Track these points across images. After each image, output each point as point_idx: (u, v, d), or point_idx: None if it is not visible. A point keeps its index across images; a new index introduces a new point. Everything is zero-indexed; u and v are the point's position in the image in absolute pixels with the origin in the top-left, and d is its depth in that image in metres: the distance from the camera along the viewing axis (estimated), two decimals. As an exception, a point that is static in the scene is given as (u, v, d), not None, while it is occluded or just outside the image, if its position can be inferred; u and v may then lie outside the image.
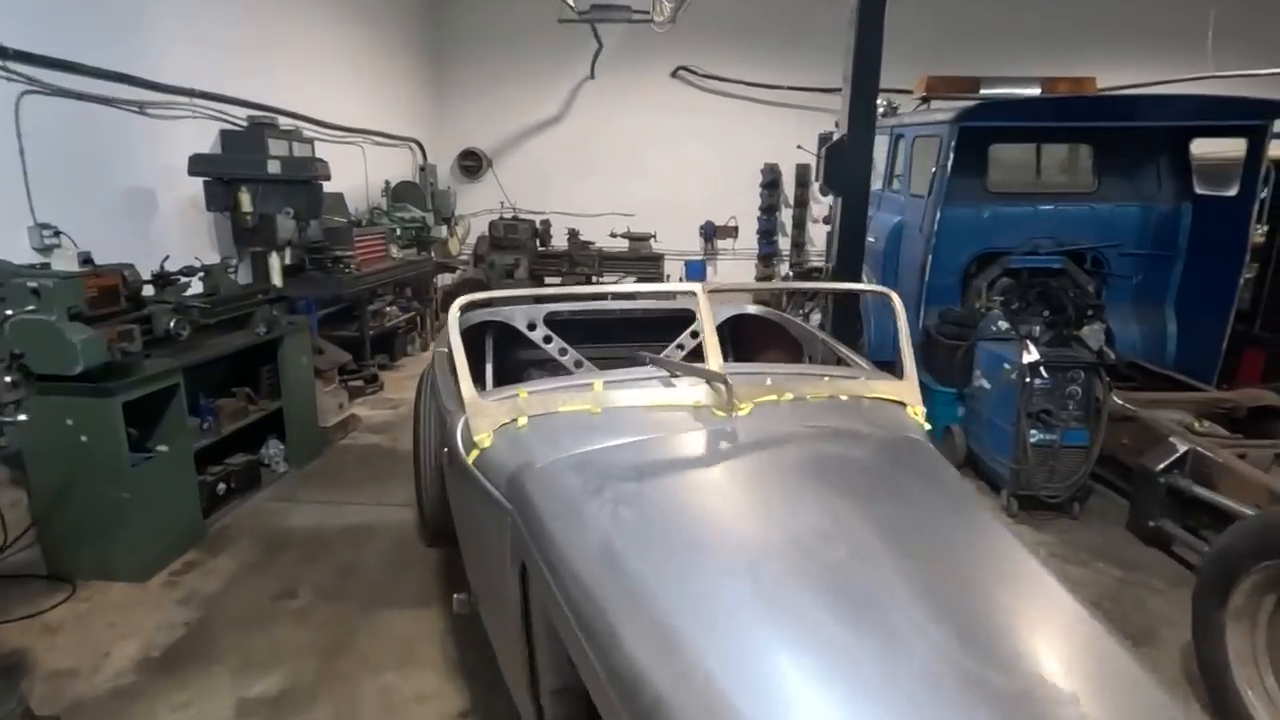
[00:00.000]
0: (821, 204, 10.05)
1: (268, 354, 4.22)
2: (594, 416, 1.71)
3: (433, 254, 8.05)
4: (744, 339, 3.53)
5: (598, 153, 10.03)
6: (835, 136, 7.34)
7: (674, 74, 9.78)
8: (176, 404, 3.34)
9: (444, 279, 9.08)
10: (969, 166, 5.26)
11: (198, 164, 4.76)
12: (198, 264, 4.07)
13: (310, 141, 6.06)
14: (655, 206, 9.88)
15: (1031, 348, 3.91)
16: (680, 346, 3.20)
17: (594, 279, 9.18)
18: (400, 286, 7.40)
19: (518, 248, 9.20)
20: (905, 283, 5.60)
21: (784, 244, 10.20)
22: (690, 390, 1.79)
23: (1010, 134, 5.53)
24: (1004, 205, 5.51)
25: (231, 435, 3.94)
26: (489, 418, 1.72)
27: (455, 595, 2.11)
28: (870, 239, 5.24)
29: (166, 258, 3.89)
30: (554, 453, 1.58)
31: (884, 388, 1.96)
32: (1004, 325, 4.64)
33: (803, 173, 9.87)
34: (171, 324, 3.40)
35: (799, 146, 8.93)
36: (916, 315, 5.26)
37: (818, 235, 10.10)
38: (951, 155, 4.90)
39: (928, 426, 1.89)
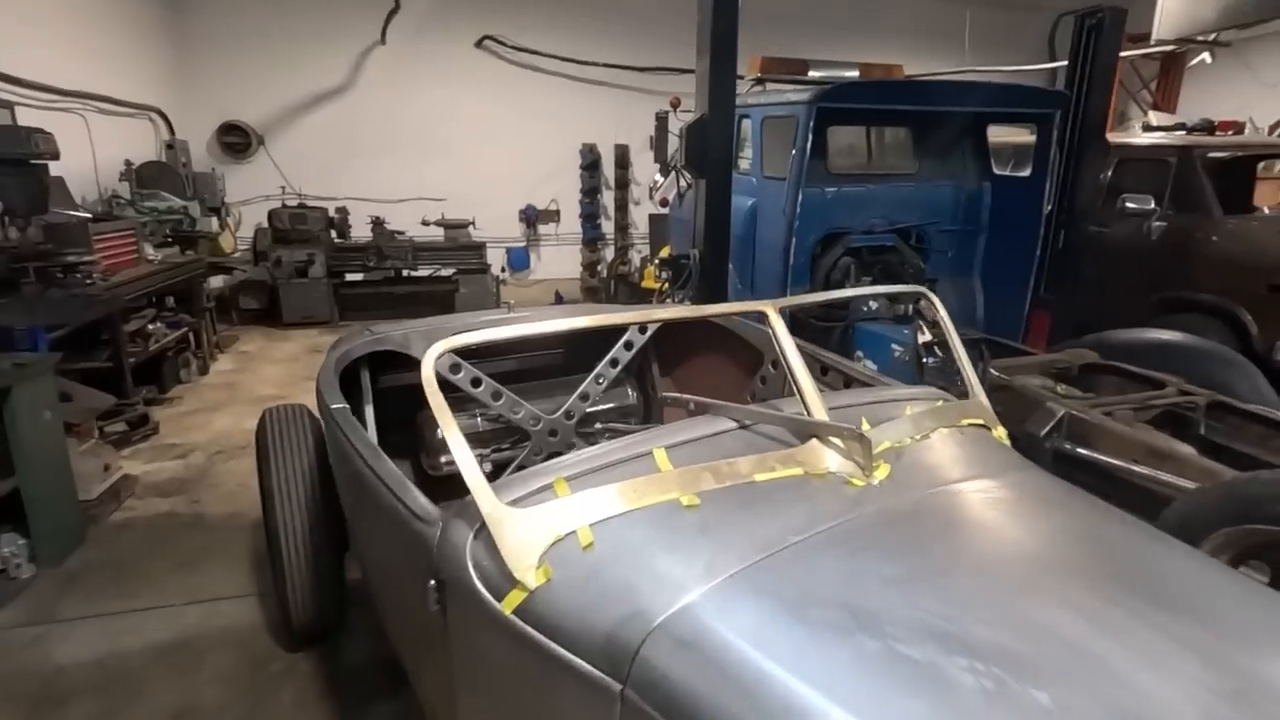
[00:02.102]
0: (642, 185, 9.89)
1: (-16, 414, 2.89)
2: (691, 511, 1.17)
3: (200, 253, 6.45)
4: (670, 347, 3.08)
5: (397, 130, 8.82)
6: (669, 114, 7.11)
7: (479, 44, 8.87)
8: None
9: (217, 282, 7.41)
10: (813, 149, 5.34)
11: None
12: None
13: (9, 106, 4.39)
14: (469, 190, 8.97)
15: (925, 328, 3.95)
16: (614, 363, 2.67)
17: (406, 273, 8.09)
18: (161, 296, 5.80)
19: (309, 241, 7.80)
20: (763, 266, 5.58)
21: (608, 228, 9.87)
22: (802, 451, 1.35)
23: (851, 116, 5.69)
24: (845, 186, 5.69)
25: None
26: (531, 538, 1.11)
27: None
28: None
29: None
30: (678, 590, 1.03)
31: (958, 410, 1.65)
32: (876, 305, 4.75)
33: (621, 154, 9.59)
34: None
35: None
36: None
37: (639, 218, 9.93)
38: (810, 136, 4.88)
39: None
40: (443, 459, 2.61)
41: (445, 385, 2.50)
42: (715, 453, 1.30)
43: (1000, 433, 1.67)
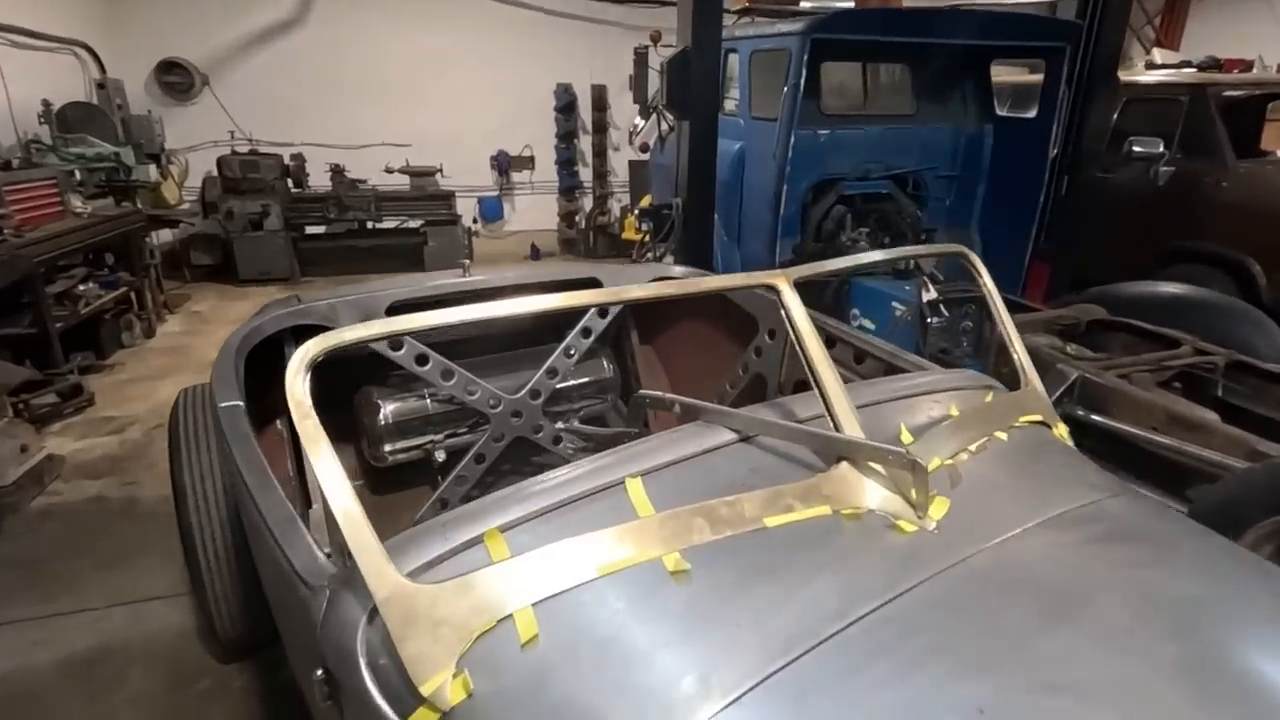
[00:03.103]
0: (621, 129, 9.32)
1: None
2: (679, 581, 0.85)
3: (139, 204, 5.92)
4: (651, 312, 2.72)
5: (355, 70, 8.16)
6: (649, 49, 6.58)
7: (441, -28, 8.16)
8: None
9: (159, 233, 6.87)
10: (806, 87, 4.91)
11: None
12: None
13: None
14: (435, 135, 8.39)
15: (930, 285, 3.64)
16: (586, 333, 2.32)
17: (371, 225, 7.58)
18: (97, 253, 5.31)
19: (263, 191, 7.23)
20: (751, 216, 5.22)
21: (586, 175, 9.34)
22: (829, 480, 1.02)
23: (847, 50, 5.24)
24: (839, 128, 5.29)
25: None
26: (446, 633, 0.77)
27: None
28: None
29: None
30: None
31: (1014, 405, 1.34)
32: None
33: (599, 95, 8.99)
34: None
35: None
36: (771, 254, 4.92)
37: (619, 165, 9.41)
38: (804, 72, 4.45)
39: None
40: (387, 448, 2.27)
41: (386, 364, 2.15)
42: (710, 481, 0.98)
43: (1061, 430, 1.37)
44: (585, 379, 2.58)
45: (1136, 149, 5.52)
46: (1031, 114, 5.41)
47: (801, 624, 0.81)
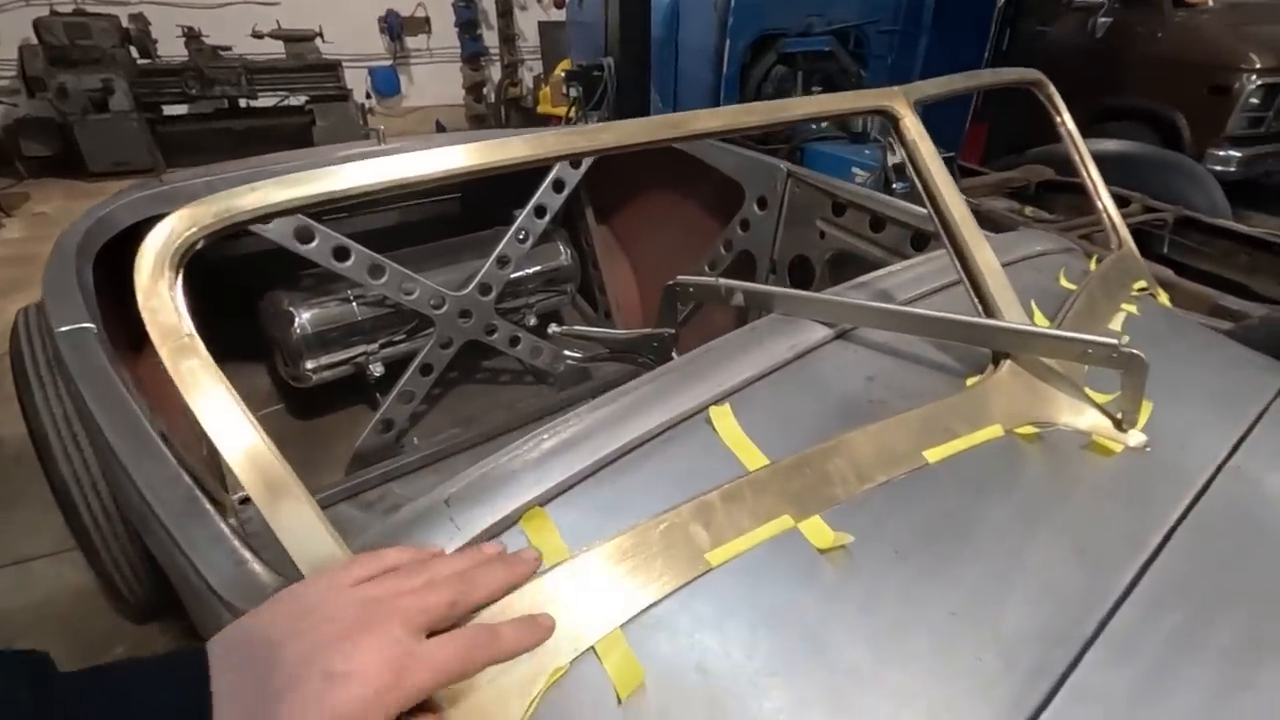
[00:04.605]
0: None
1: None
2: (840, 566, 0.56)
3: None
4: (607, 184, 2.32)
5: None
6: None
7: None
8: None
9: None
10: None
11: None
12: None
13: None
14: (309, -9, 7.15)
15: (895, 146, 3.36)
16: (540, 211, 1.93)
17: (246, 103, 6.53)
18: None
19: (100, 62, 5.99)
20: (688, 77, 4.77)
21: (491, 40, 8.32)
22: (993, 384, 0.76)
23: None
24: (776, -24, 4.83)
25: None
26: (480, 701, 0.46)
27: None
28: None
29: None
30: None
31: (1124, 271, 1.10)
32: (825, 123, 4.12)
33: (499, -59, 7.86)
34: None
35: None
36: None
37: (528, 27, 8.42)
38: (741, -102, 3.90)
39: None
40: (308, 365, 1.87)
41: (296, 261, 1.72)
42: (821, 402, 0.70)
43: (1164, 297, 1.17)
44: (537, 266, 2.21)
45: (1077, -1, 5.31)
46: (977, -40, 5.06)
47: (1048, 618, 0.55)
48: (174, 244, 0.52)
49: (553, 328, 1.74)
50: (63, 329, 1.02)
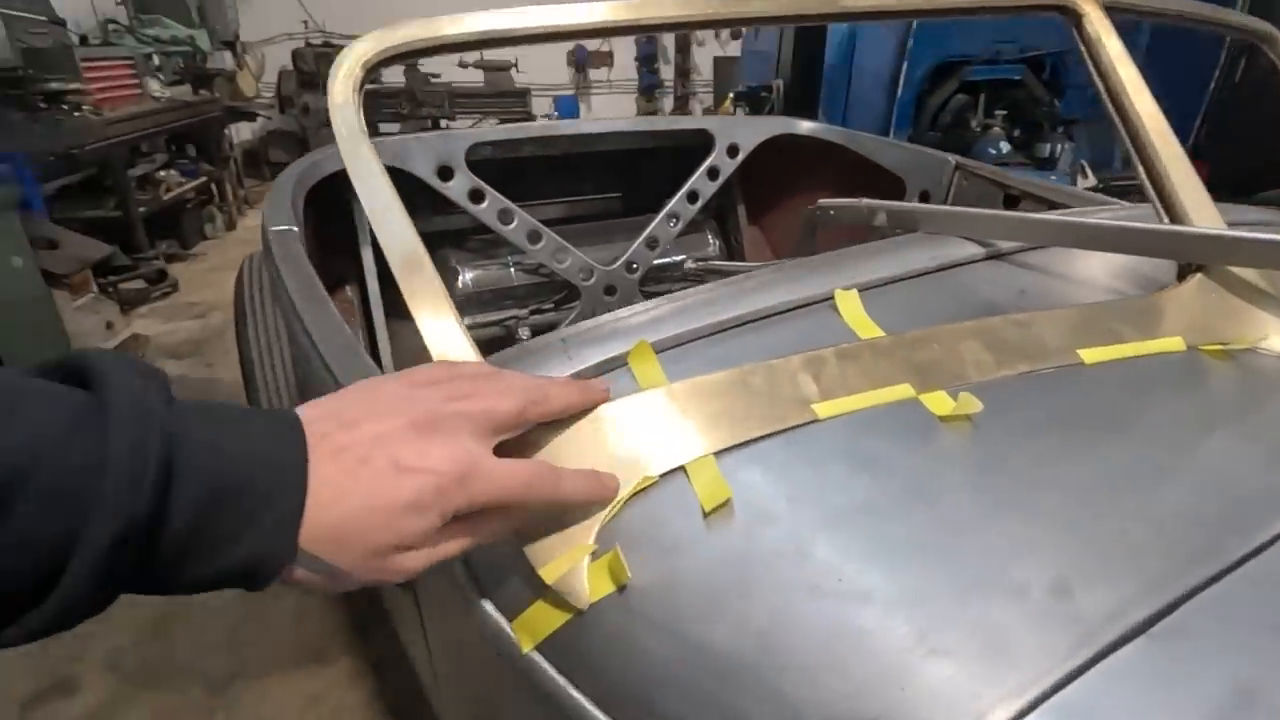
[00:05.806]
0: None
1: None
2: (962, 433, 0.51)
3: (217, 94, 5.79)
4: (763, 182, 2.34)
5: (427, -48, 7.70)
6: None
7: None
8: None
9: (240, 131, 6.80)
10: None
11: None
12: None
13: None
14: (511, 27, 7.90)
15: (1088, 171, 3.09)
16: (693, 197, 1.99)
17: (445, 124, 7.30)
18: (179, 141, 5.25)
19: (337, 85, 6.99)
20: (859, 103, 4.65)
21: (667, 73, 8.72)
22: (1175, 296, 0.67)
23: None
24: (964, 0, 4.59)
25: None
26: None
27: None
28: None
29: None
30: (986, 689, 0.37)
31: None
32: (1007, 148, 3.86)
33: (685, -19, 8.25)
34: None
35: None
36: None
37: (703, 61, 8.72)
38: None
39: None
40: (465, 321, 2.03)
41: (463, 231, 1.88)
42: (962, 306, 0.66)
43: None
44: (686, 254, 2.25)
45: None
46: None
47: (1219, 509, 0.47)
48: (362, 59, 0.61)
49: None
50: (274, 228, 1.21)
